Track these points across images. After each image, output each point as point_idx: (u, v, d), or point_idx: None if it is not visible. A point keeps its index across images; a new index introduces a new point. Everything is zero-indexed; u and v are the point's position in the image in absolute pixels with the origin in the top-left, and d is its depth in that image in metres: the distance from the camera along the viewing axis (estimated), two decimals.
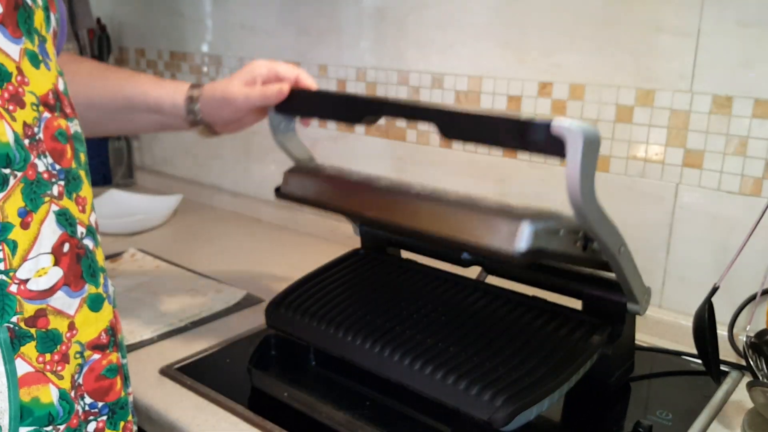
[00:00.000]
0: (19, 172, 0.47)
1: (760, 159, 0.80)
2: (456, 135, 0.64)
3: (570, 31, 0.91)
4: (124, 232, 1.28)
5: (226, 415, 0.71)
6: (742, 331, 0.75)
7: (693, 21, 0.81)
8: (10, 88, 0.46)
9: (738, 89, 0.80)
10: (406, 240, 0.90)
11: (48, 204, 0.49)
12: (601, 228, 0.59)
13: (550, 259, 0.66)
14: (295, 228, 1.34)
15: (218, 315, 0.94)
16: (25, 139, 0.47)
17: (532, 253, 0.57)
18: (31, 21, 0.49)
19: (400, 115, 0.73)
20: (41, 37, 0.50)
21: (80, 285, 0.51)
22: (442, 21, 1.04)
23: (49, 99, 0.50)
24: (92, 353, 0.53)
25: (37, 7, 0.50)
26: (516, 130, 0.57)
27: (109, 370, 0.55)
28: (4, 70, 0.46)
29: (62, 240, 0.50)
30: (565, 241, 0.60)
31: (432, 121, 0.64)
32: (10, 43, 0.46)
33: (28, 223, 0.47)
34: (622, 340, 0.73)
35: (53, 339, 0.49)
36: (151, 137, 1.66)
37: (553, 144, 0.54)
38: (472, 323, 0.73)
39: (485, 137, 0.62)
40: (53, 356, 0.49)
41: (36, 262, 0.48)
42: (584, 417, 0.73)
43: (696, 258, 0.86)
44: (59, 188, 0.50)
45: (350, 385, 0.76)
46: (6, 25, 0.46)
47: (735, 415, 0.72)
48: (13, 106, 0.46)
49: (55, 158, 0.50)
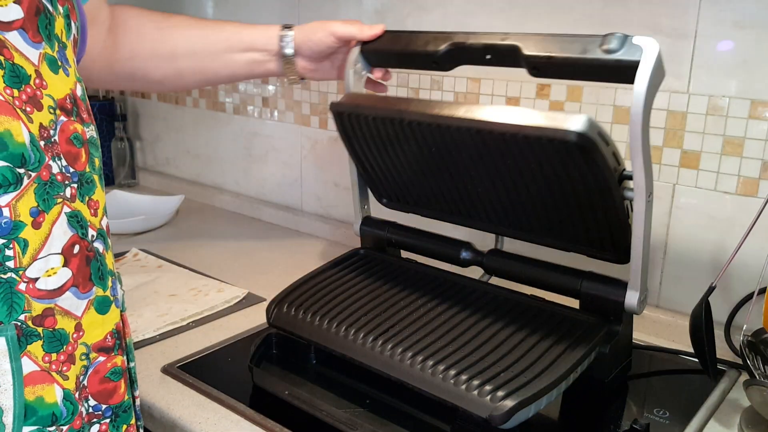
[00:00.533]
0: (33, 172, 0.47)
1: (756, 159, 0.81)
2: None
3: (569, 32, 0.92)
4: (127, 232, 1.29)
5: (227, 413, 0.71)
6: (738, 330, 0.75)
7: (690, 23, 0.82)
8: (28, 90, 0.47)
9: (734, 90, 0.81)
10: (407, 240, 0.91)
11: (60, 205, 0.50)
12: (645, 163, 0.64)
13: (589, 167, 0.65)
14: (296, 228, 1.34)
15: (220, 314, 0.95)
16: (41, 141, 0.48)
17: (584, 139, 0.62)
18: (51, 27, 0.50)
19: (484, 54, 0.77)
20: (61, 44, 0.51)
21: (88, 287, 0.52)
22: (442, 22, 1.04)
23: (66, 103, 0.51)
24: (98, 355, 0.54)
25: (58, 14, 0.51)
26: (597, 43, 0.66)
27: (113, 373, 0.55)
28: (23, 72, 0.47)
29: (73, 241, 0.50)
30: (609, 158, 0.64)
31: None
32: (29, 47, 0.48)
33: (40, 223, 0.48)
34: (620, 339, 0.74)
35: (60, 339, 0.50)
36: (153, 138, 1.67)
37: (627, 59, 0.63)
38: (471, 322, 0.73)
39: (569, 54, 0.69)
40: (59, 356, 0.50)
41: (46, 262, 0.48)
42: (582, 415, 0.73)
43: (693, 258, 0.87)
44: (72, 190, 0.51)
45: (350, 384, 0.76)
46: (27, 30, 0.47)
47: (732, 413, 0.73)
48: (31, 108, 0.47)
49: (69, 161, 0.51)
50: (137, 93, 1.68)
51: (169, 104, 1.60)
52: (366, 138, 0.83)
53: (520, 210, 0.77)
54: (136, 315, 0.93)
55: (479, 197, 0.80)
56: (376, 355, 0.70)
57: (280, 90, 1.33)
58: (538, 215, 0.76)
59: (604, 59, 0.65)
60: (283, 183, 1.38)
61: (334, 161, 1.27)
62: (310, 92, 1.27)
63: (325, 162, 1.28)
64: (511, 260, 0.81)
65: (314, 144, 1.29)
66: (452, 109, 0.72)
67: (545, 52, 0.70)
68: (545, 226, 0.77)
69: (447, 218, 0.88)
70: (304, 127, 1.30)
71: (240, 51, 0.85)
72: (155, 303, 0.97)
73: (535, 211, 0.76)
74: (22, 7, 0.47)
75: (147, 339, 0.87)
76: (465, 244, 0.86)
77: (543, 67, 0.71)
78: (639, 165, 0.65)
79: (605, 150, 0.64)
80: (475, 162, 0.74)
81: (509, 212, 0.79)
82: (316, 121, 1.28)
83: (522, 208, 0.77)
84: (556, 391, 0.64)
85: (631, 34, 0.86)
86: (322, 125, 1.27)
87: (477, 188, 0.78)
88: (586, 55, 0.67)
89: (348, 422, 0.67)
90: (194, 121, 1.55)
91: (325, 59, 0.89)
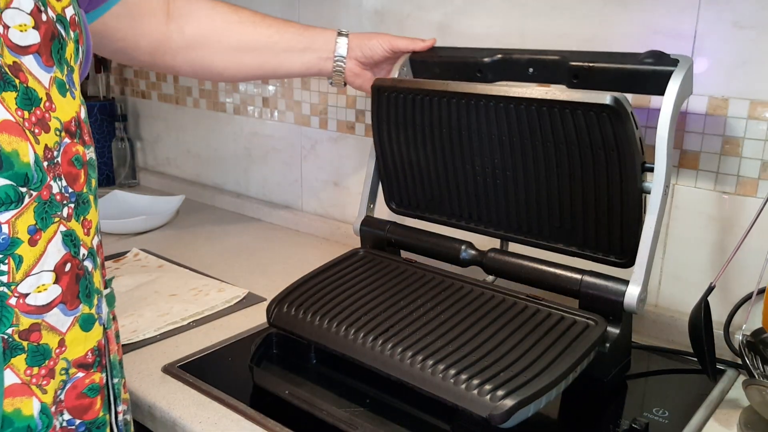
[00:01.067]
0: (34, 191, 0.48)
1: (755, 160, 0.81)
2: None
3: (568, 32, 0.92)
4: (128, 233, 1.30)
5: (227, 413, 0.72)
6: (738, 330, 0.75)
7: (690, 23, 0.82)
8: (38, 112, 0.49)
9: (734, 91, 0.81)
10: (407, 239, 0.91)
11: (57, 224, 0.51)
12: (668, 158, 0.71)
13: (619, 139, 0.71)
14: (296, 228, 1.35)
15: (220, 314, 0.95)
16: (45, 162, 0.49)
17: (619, 104, 0.68)
18: (63, 52, 0.51)
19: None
20: (69, 68, 0.53)
21: (76, 304, 0.53)
22: (442, 23, 1.04)
23: (71, 126, 0.52)
24: (77, 371, 0.54)
25: (69, 39, 0.52)
26: (636, 56, 0.76)
27: (90, 389, 0.55)
28: (35, 96, 0.48)
29: (65, 260, 0.51)
30: (637, 137, 0.70)
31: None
32: (42, 71, 0.49)
33: (36, 240, 0.49)
34: (619, 339, 0.74)
35: (43, 353, 0.50)
36: (153, 138, 1.68)
37: (663, 68, 0.73)
38: (470, 321, 0.73)
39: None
40: (41, 370, 0.50)
41: (38, 278, 0.49)
42: (581, 414, 0.74)
43: (692, 257, 0.87)
44: (69, 210, 0.52)
45: (350, 383, 0.77)
46: (41, 54, 0.49)
47: (731, 413, 0.73)
48: (39, 130, 0.49)
49: (69, 182, 0.52)
50: (138, 93, 1.68)
51: (170, 104, 1.60)
52: (398, 122, 0.87)
53: (534, 207, 0.80)
54: (137, 315, 0.93)
55: (495, 194, 0.82)
56: (376, 354, 0.71)
57: (280, 90, 1.33)
58: (551, 212, 0.78)
59: (642, 69, 0.74)
60: (283, 183, 1.38)
61: (334, 161, 1.27)
62: (310, 92, 1.27)
63: (325, 162, 1.29)
64: (511, 259, 0.81)
65: (314, 144, 1.30)
66: (491, 87, 0.78)
67: (587, 61, 0.78)
68: (555, 226, 0.78)
69: (455, 224, 0.89)
70: (304, 127, 1.30)
71: (299, 51, 0.90)
72: (156, 303, 0.97)
73: (549, 207, 0.78)
74: (40, 33, 0.48)
75: (148, 339, 0.87)
76: (465, 243, 0.86)
77: (584, 76, 0.79)
78: (662, 155, 0.71)
79: (634, 126, 0.70)
80: (504, 143, 0.79)
81: (521, 211, 0.80)
82: (316, 121, 1.28)
83: (536, 203, 0.79)
84: (556, 390, 0.64)
85: (631, 34, 0.87)
86: (322, 125, 1.27)
87: (496, 179, 0.82)
88: (625, 64, 0.76)
89: (348, 422, 0.67)
90: (195, 121, 1.55)
91: (374, 67, 0.94)
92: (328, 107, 1.24)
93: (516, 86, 0.76)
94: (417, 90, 0.84)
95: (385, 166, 0.93)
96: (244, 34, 0.88)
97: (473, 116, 0.80)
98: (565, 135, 0.73)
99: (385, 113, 0.88)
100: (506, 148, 0.79)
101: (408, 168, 0.91)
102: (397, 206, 0.95)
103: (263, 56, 0.90)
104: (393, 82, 0.87)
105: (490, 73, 0.86)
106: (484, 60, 0.86)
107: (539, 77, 0.83)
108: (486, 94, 0.78)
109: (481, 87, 0.78)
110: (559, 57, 0.80)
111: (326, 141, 1.27)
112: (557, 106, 0.72)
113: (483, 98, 0.78)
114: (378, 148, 0.92)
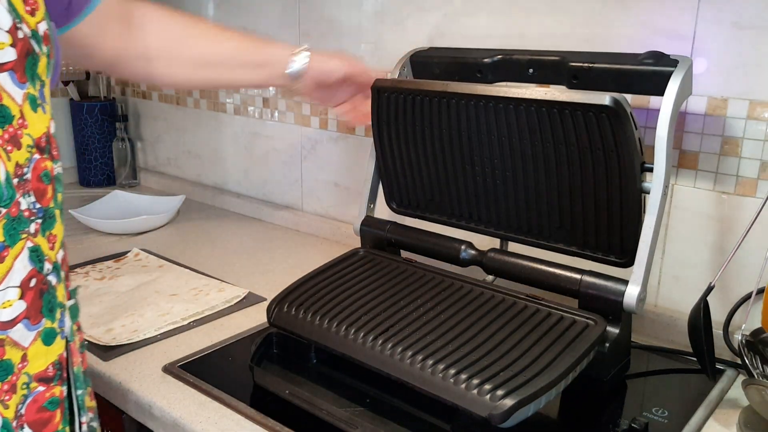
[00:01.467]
0: (3, 208, 0.48)
1: (754, 160, 0.81)
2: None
3: (568, 32, 0.92)
4: (128, 233, 1.30)
5: (228, 412, 0.72)
6: (737, 330, 0.75)
7: (689, 24, 0.82)
8: (11, 129, 0.48)
9: (733, 91, 0.81)
10: (407, 239, 0.92)
11: (24, 240, 0.50)
12: (667, 158, 0.71)
13: (617, 140, 0.71)
14: (296, 228, 1.35)
15: (221, 314, 0.95)
16: (15, 179, 0.49)
17: (618, 105, 0.69)
18: (36, 67, 0.51)
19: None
20: (41, 82, 0.52)
21: (38, 319, 0.53)
22: (441, 23, 1.05)
23: (41, 142, 0.52)
24: (38, 385, 0.54)
25: (42, 54, 0.52)
26: (635, 56, 0.76)
27: (50, 403, 0.55)
28: (8, 113, 0.48)
29: (31, 275, 0.51)
30: (636, 137, 0.71)
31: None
32: (16, 87, 0.49)
33: (4, 257, 0.49)
34: (618, 339, 0.74)
35: (5, 369, 0.50)
36: (154, 138, 1.68)
37: (663, 68, 0.73)
38: (470, 321, 0.74)
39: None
40: (3, 386, 0.50)
41: (4, 294, 0.49)
42: (581, 414, 0.74)
43: (691, 257, 0.87)
44: (36, 226, 0.52)
45: (350, 383, 0.77)
46: (16, 71, 0.48)
47: (730, 413, 0.73)
48: (11, 147, 0.48)
49: (38, 197, 0.52)
50: (138, 93, 1.68)
51: (170, 105, 1.60)
52: (398, 123, 0.87)
53: (534, 207, 0.80)
54: (138, 315, 0.93)
55: (495, 194, 0.82)
56: (376, 354, 0.71)
57: (281, 91, 1.33)
58: (551, 212, 0.79)
59: (642, 69, 0.74)
60: (283, 183, 1.38)
61: (334, 161, 1.27)
62: None
63: (325, 162, 1.29)
64: (511, 258, 0.82)
65: (314, 144, 1.30)
66: (491, 88, 0.79)
67: (587, 62, 0.78)
68: (555, 226, 0.79)
69: (455, 224, 0.89)
70: (305, 128, 1.30)
71: (255, 66, 0.89)
72: (156, 303, 0.97)
73: (549, 207, 0.79)
74: (16, 50, 0.48)
75: (148, 338, 0.87)
76: (465, 243, 0.86)
77: (583, 77, 0.79)
78: (661, 155, 0.71)
79: (633, 127, 0.70)
80: (503, 144, 0.79)
81: (521, 211, 0.81)
82: (316, 121, 1.28)
83: (536, 203, 0.79)
84: (556, 390, 0.65)
85: (631, 34, 0.87)
86: (322, 125, 1.27)
87: (496, 180, 0.81)
88: (625, 65, 0.76)
89: (348, 421, 0.67)
90: (195, 122, 1.55)
91: (328, 89, 0.91)
92: (328, 107, 1.25)
93: (516, 87, 0.76)
94: (417, 90, 0.84)
95: (385, 166, 0.93)
96: (202, 48, 0.86)
97: (473, 117, 0.80)
98: (565, 135, 0.73)
99: (385, 114, 0.88)
100: (506, 148, 0.79)
101: (408, 168, 0.91)
102: (398, 206, 0.95)
103: (219, 70, 0.88)
104: (393, 82, 0.87)
105: (490, 74, 0.87)
106: (484, 60, 0.86)
107: (539, 78, 0.83)
108: (486, 95, 0.78)
109: (481, 87, 0.79)
110: (558, 57, 0.81)
111: (326, 141, 1.27)
112: (557, 106, 0.73)
113: (483, 99, 0.78)
114: (378, 149, 0.92)
